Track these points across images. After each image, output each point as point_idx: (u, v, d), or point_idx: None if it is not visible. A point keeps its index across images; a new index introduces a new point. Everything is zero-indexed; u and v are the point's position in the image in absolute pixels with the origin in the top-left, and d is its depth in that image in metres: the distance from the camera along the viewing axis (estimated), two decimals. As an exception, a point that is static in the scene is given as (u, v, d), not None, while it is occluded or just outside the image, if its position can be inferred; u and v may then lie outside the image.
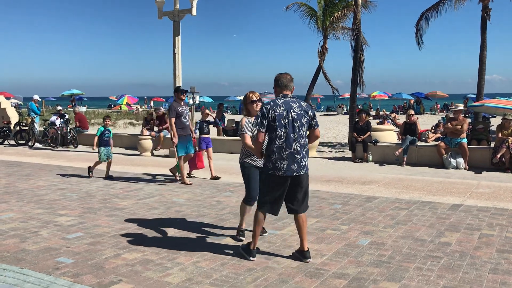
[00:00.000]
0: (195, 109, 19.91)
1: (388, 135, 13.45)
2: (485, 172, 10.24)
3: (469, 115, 22.98)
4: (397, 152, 11.25)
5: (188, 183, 8.74)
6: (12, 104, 24.47)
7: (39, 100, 19.81)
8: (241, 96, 47.79)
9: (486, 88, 16.27)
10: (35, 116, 17.54)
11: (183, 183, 8.78)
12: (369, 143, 12.14)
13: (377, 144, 12.11)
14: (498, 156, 10.24)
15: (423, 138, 15.87)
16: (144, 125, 15.35)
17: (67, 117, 17.06)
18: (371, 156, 12.02)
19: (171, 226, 5.83)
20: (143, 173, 10.22)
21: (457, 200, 7.26)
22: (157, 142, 14.39)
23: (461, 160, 10.77)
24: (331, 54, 21.94)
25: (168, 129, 14.48)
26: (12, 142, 17.49)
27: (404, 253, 4.74)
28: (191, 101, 15.95)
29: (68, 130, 16.21)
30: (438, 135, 15.71)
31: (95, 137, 9.68)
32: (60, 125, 16.28)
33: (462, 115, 11.74)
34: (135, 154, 13.97)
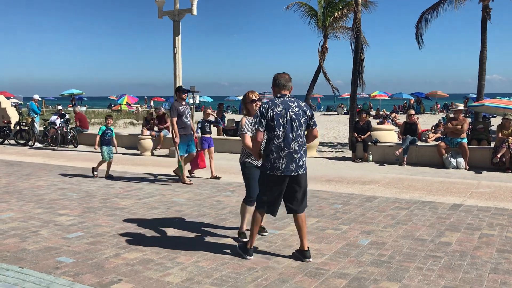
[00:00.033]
0: (195, 108, 19.93)
1: (388, 135, 13.44)
2: (485, 172, 10.24)
3: (469, 115, 22.99)
4: (397, 152, 11.25)
5: (188, 183, 8.74)
6: (12, 103, 24.45)
7: (39, 99, 19.79)
8: (241, 96, 47.76)
9: (486, 88, 16.28)
10: (35, 115, 17.54)
11: (183, 182, 8.78)
12: (369, 143, 12.14)
13: (377, 144, 12.11)
14: (499, 156, 10.24)
15: (423, 138, 15.85)
16: (144, 125, 15.36)
17: (67, 116, 17.04)
18: (371, 156, 12.02)
19: (171, 226, 5.83)
20: (143, 172, 10.22)
21: (458, 200, 7.26)
22: (157, 142, 14.40)
23: (461, 160, 10.77)
24: (331, 54, 22.00)
25: (168, 128, 14.51)
26: (12, 141, 17.49)
27: (404, 253, 4.74)
28: (191, 101, 15.97)
29: (68, 130, 16.20)
30: (438, 135, 15.68)
31: (97, 136, 9.68)
32: (60, 125, 16.28)
33: (462, 115, 11.74)
34: (135, 154, 13.97)
